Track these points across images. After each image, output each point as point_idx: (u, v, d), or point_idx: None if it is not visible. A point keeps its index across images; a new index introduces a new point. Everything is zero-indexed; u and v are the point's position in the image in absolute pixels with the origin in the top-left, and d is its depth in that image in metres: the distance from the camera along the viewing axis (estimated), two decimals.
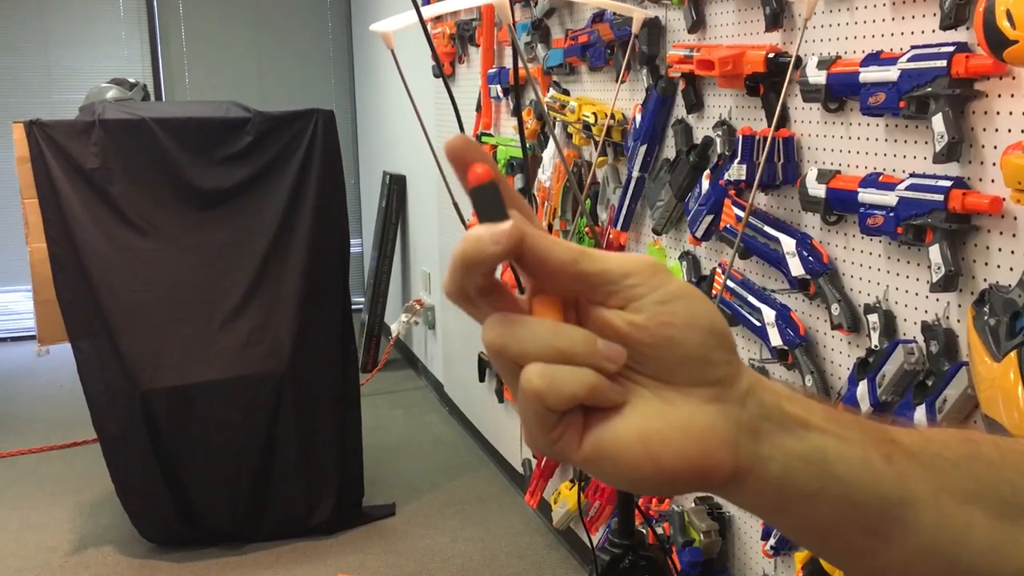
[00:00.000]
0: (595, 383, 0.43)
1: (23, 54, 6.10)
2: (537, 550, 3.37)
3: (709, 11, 2.10)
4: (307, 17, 6.52)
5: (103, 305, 3.19)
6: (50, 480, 4.03)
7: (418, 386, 5.26)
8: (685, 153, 2.16)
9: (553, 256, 0.43)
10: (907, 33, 1.55)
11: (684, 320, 0.43)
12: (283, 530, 3.45)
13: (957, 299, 1.51)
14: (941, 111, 1.44)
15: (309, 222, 3.38)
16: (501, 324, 0.44)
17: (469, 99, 3.68)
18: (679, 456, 0.43)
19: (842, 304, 1.72)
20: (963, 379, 1.45)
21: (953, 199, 1.43)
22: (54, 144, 3.18)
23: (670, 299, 0.43)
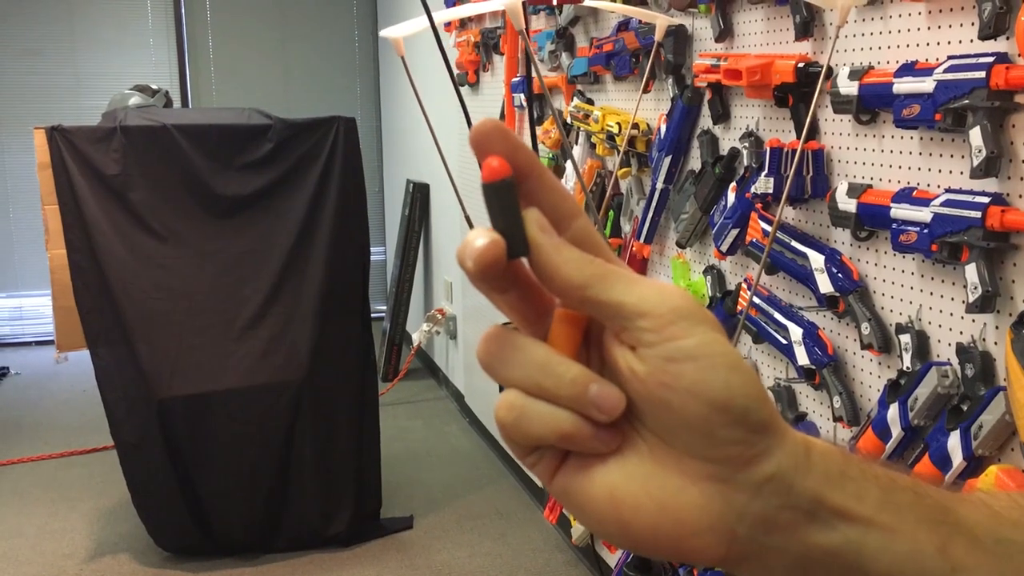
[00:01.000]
0: (569, 430, 0.38)
1: (51, 60, 6.14)
2: (556, 567, 3.31)
3: (737, 19, 2.04)
4: (333, 25, 6.52)
5: (122, 312, 3.18)
6: (69, 486, 4.02)
7: (439, 396, 5.23)
8: (711, 165, 2.11)
9: (560, 274, 0.38)
10: (944, 43, 1.49)
11: (687, 387, 0.37)
12: (299, 541, 3.42)
13: (994, 320, 1.44)
14: (979, 124, 1.38)
15: (329, 230, 3.35)
16: (493, 342, 0.40)
17: (493, 108, 3.64)
18: (649, 528, 0.39)
19: (873, 323, 1.66)
20: (1000, 405, 1.39)
21: (991, 216, 1.37)
22: (75, 150, 3.17)
23: (679, 358, 0.37)
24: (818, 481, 0.39)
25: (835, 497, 0.39)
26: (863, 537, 0.40)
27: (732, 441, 0.38)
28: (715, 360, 0.37)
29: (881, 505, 0.40)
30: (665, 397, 0.38)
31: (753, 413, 0.38)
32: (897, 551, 0.40)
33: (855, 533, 0.40)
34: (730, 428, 0.38)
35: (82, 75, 6.18)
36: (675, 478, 0.39)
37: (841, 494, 0.39)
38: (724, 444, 0.38)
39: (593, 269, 0.38)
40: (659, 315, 0.37)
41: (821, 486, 0.39)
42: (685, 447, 0.38)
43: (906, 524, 0.40)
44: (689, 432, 0.38)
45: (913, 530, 0.40)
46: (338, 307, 3.37)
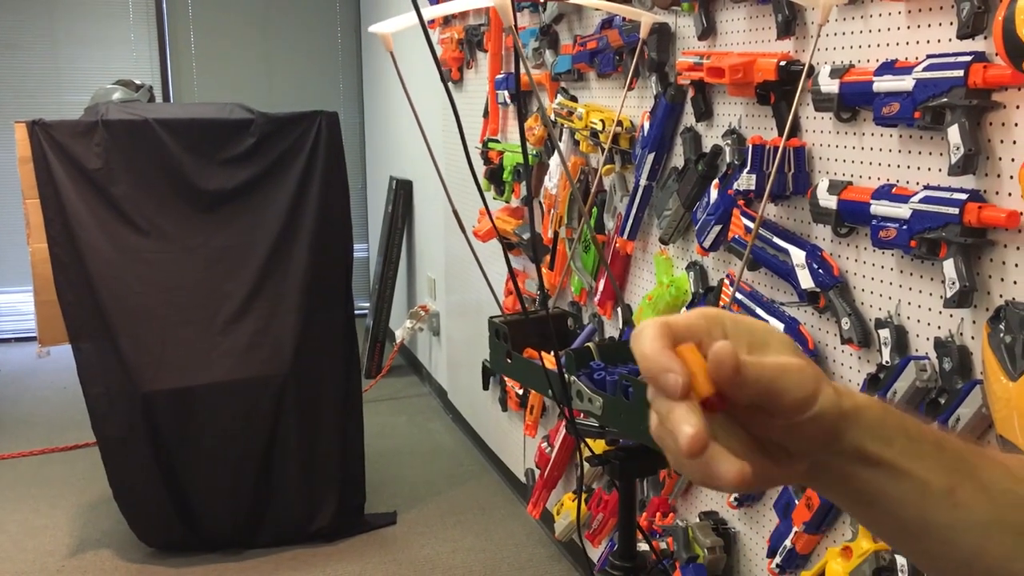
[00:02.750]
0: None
1: (32, 54, 6.09)
2: (539, 562, 3.33)
3: (720, 18, 2.06)
4: (316, 21, 6.51)
5: (104, 306, 3.17)
6: (50, 483, 4.01)
7: (422, 393, 5.23)
8: (694, 162, 2.13)
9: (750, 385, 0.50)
10: (923, 42, 1.52)
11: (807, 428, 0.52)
12: (283, 536, 3.42)
13: (972, 315, 1.47)
14: (957, 122, 1.40)
15: (312, 224, 3.35)
16: None
17: (477, 105, 3.65)
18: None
19: (853, 318, 1.68)
20: (977, 398, 1.41)
21: (969, 213, 1.39)
22: (56, 144, 3.16)
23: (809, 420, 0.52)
24: (860, 434, 0.53)
25: (871, 446, 0.53)
26: (887, 480, 0.53)
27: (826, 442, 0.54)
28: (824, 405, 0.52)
29: (906, 452, 0.53)
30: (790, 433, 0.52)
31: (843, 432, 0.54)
32: (909, 489, 0.53)
33: (883, 476, 0.53)
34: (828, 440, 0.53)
35: (63, 70, 6.14)
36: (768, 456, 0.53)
37: (875, 444, 0.53)
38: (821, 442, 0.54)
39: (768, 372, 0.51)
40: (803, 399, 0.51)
41: (861, 438, 0.53)
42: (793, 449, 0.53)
43: (921, 469, 0.53)
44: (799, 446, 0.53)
45: (927, 474, 0.53)
46: (322, 302, 3.38)
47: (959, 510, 0.53)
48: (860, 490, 0.54)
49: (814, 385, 0.51)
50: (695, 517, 2.27)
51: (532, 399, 3.32)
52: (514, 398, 3.51)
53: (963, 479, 0.54)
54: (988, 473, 0.55)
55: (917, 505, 0.54)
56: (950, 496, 0.53)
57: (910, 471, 0.53)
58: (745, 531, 2.14)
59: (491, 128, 3.51)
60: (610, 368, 1.58)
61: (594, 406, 1.53)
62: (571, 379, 1.57)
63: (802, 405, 0.50)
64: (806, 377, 0.51)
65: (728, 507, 2.17)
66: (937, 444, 0.54)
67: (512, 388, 3.53)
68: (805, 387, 0.51)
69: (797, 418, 0.50)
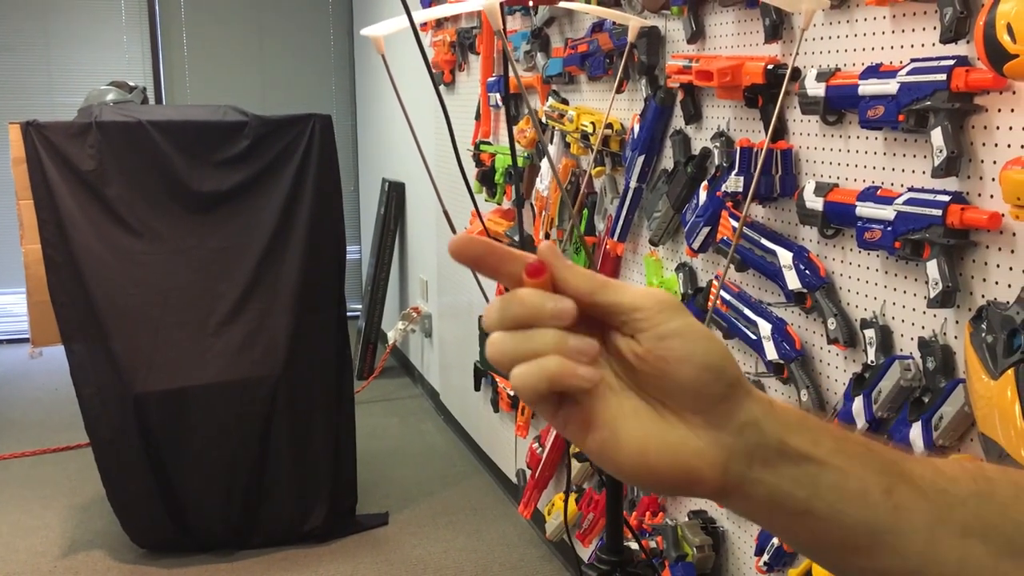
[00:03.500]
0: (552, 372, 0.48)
1: (24, 55, 6.10)
2: (530, 562, 3.34)
3: (708, 22, 2.08)
4: (309, 23, 6.52)
5: (97, 307, 3.18)
6: (42, 484, 4.01)
7: (414, 394, 5.24)
8: (683, 164, 2.15)
9: (571, 286, 0.50)
10: (907, 46, 1.54)
11: (678, 356, 0.48)
12: (275, 537, 3.43)
13: (955, 315, 1.49)
14: (940, 125, 1.43)
15: (305, 226, 3.36)
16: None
17: (469, 107, 3.67)
18: (668, 469, 0.49)
19: (839, 318, 1.70)
20: (960, 396, 1.43)
21: (951, 214, 1.42)
22: (50, 145, 3.16)
23: (668, 336, 0.48)
24: (781, 427, 0.50)
25: (795, 440, 0.50)
26: (819, 474, 0.50)
27: (716, 394, 0.49)
28: (695, 334, 0.49)
29: (834, 451, 0.50)
30: (662, 367, 0.49)
31: (728, 370, 0.49)
32: (847, 488, 0.50)
33: (813, 469, 0.50)
34: (713, 384, 0.49)
35: (55, 71, 6.14)
36: (682, 429, 0.49)
37: (799, 439, 0.50)
38: (711, 397, 0.49)
39: (595, 281, 0.50)
40: (648, 307, 0.49)
41: (784, 431, 0.50)
42: (683, 405, 0.49)
43: (856, 468, 0.50)
44: (684, 392, 0.49)
45: (862, 473, 0.50)
46: (314, 304, 3.39)
47: (900, 512, 0.50)
48: (791, 495, 0.49)
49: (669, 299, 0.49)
50: (684, 516, 2.29)
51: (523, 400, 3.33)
52: (505, 399, 3.53)
53: (897, 480, 0.50)
54: (920, 473, 0.51)
55: (859, 508, 0.49)
56: (889, 496, 0.50)
57: (845, 469, 0.50)
58: (733, 530, 2.16)
59: (483, 130, 3.53)
60: None
61: None
62: None
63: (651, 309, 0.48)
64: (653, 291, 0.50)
65: (717, 506, 2.19)
66: (865, 446, 0.51)
67: (503, 389, 3.55)
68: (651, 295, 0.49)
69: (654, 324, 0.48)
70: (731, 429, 0.49)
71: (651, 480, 0.50)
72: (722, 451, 0.49)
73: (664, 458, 0.49)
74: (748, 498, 0.50)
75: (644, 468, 0.49)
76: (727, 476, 0.49)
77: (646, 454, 0.49)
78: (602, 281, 0.50)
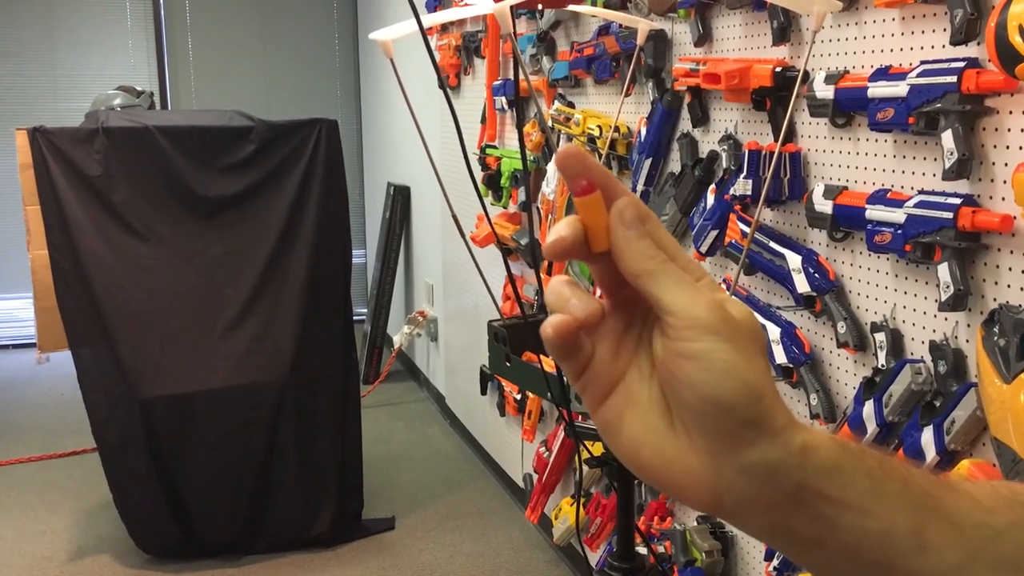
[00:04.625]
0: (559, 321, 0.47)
1: (30, 61, 6.11)
2: (537, 567, 3.33)
3: (716, 24, 2.08)
4: (313, 28, 6.52)
5: (104, 312, 3.18)
6: (49, 489, 4.01)
7: (419, 398, 5.24)
8: (690, 167, 2.14)
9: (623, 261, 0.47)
10: (916, 48, 1.53)
11: (686, 379, 0.45)
12: (281, 542, 3.42)
13: (966, 319, 1.48)
14: (951, 127, 1.42)
15: (311, 231, 3.36)
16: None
17: (474, 111, 3.67)
18: (657, 473, 0.47)
19: (848, 322, 1.70)
20: (972, 400, 1.42)
21: (963, 217, 1.41)
22: (57, 151, 3.17)
23: (686, 356, 0.45)
24: (807, 473, 0.45)
25: (819, 484, 0.45)
26: (838, 515, 0.46)
27: (721, 429, 0.45)
28: (715, 365, 0.45)
29: (864, 492, 0.46)
30: (670, 381, 0.46)
31: (741, 411, 0.45)
32: (868, 528, 0.46)
33: (831, 511, 0.46)
34: (719, 418, 0.45)
35: (61, 77, 6.16)
36: (683, 442, 0.47)
37: (827, 483, 0.46)
38: (715, 430, 0.45)
39: (650, 265, 0.46)
40: (682, 318, 0.45)
41: (807, 477, 0.45)
42: (688, 422, 0.46)
43: (885, 508, 0.46)
44: (687, 412, 0.46)
45: (891, 513, 0.46)
46: (320, 308, 3.39)
47: (928, 552, 0.47)
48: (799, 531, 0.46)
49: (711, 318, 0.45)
50: (693, 521, 2.28)
51: (530, 404, 3.33)
52: (512, 403, 3.52)
53: (931, 517, 0.47)
54: (957, 507, 0.48)
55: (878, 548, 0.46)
56: (918, 536, 0.47)
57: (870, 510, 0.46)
58: (743, 535, 2.15)
59: (488, 134, 3.53)
60: None
61: None
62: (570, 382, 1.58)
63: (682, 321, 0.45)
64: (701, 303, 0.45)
65: None
66: (903, 481, 0.48)
67: (510, 393, 3.54)
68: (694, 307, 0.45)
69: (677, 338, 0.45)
70: (734, 465, 0.45)
71: (642, 476, 0.49)
72: (718, 480, 0.46)
73: (655, 462, 0.47)
74: (747, 528, 0.47)
75: (635, 464, 0.48)
76: (720, 504, 0.46)
77: (639, 452, 0.48)
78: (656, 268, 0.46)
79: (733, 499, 0.46)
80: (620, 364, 0.49)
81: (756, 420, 0.45)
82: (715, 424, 0.45)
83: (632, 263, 0.46)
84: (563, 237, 0.47)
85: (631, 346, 0.49)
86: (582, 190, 0.47)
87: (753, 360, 0.45)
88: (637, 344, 0.49)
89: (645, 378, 0.48)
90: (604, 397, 0.49)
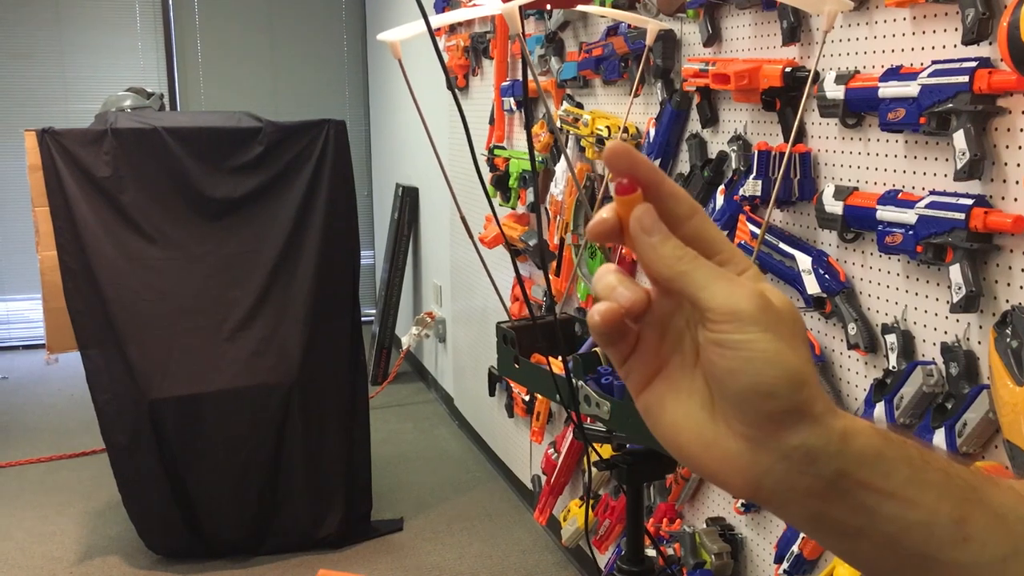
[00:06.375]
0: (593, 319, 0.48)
1: (39, 63, 6.13)
2: (546, 568, 3.32)
3: (725, 24, 2.07)
4: (322, 29, 6.53)
5: (112, 313, 3.18)
6: (57, 489, 4.02)
7: (428, 399, 5.24)
8: (699, 168, 2.14)
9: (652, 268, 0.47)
10: (928, 48, 1.52)
11: (727, 369, 0.45)
12: (290, 543, 3.42)
13: (978, 320, 1.47)
14: (963, 127, 1.41)
15: (319, 232, 3.36)
16: None
17: (483, 112, 3.66)
18: (696, 458, 0.48)
19: (859, 323, 1.69)
20: (984, 403, 1.41)
21: (975, 218, 1.40)
22: (66, 152, 3.18)
23: (726, 346, 0.45)
24: (847, 460, 0.46)
25: (860, 473, 0.46)
26: (879, 504, 0.46)
27: (762, 416, 0.46)
28: (755, 354, 0.45)
29: (907, 482, 0.47)
30: (712, 370, 0.46)
31: (783, 398, 0.45)
32: (910, 518, 0.46)
33: (872, 501, 0.46)
34: (759, 406, 0.45)
35: (70, 79, 6.18)
36: (722, 427, 0.47)
37: (869, 472, 0.46)
38: (755, 416, 0.46)
39: (679, 266, 0.46)
40: (720, 312, 0.45)
41: (848, 465, 0.46)
42: (729, 409, 0.47)
43: (927, 498, 0.47)
44: (728, 400, 0.46)
45: (934, 504, 0.47)
46: (328, 309, 3.38)
47: (971, 544, 0.47)
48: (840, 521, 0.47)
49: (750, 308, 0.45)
50: (702, 523, 2.27)
51: (538, 405, 3.33)
52: (520, 404, 3.52)
53: (974, 509, 0.47)
54: (1001, 500, 0.48)
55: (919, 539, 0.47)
56: (960, 527, 0.47)
57: (913, 500, 0.46)
58: (752, 537, 2.14)
59: (497, 135, 3.52)
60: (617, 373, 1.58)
61: (602, 411, 1.54)
62: (579, 384, 1.58)
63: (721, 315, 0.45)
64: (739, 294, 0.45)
65: (735, 513, 2.17)
66: (945, 472, 0.48)
67: (518, 394, 3.54)
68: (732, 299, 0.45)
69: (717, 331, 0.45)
70: (775, 451, 0.46)
71: (681, 460, 0.49)
72: (757, 467, 0.46)
73: (694, 447, 0.48)
74: (786, 515, 0.48)
75: (675, 448, 0.49)
76: (759, 491, 0.47)
77: (679, 436, 0.48)
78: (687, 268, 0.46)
79: (772, 485, 0.46)
80: (664, 351, 0.49)
81: (797, 407, 0.45)
82: (756, 411, 0.45)
83: (661, 269, 0.46)
84: (605, 219, 0.47)
85: (676, 333, 0.49)
86: (623, 188, 0.46)
87: (795, 348, 0.46)
88: (682, 332, 0.49)
89: (688, 365, 0.49)
90: (647, 383, 0.49)
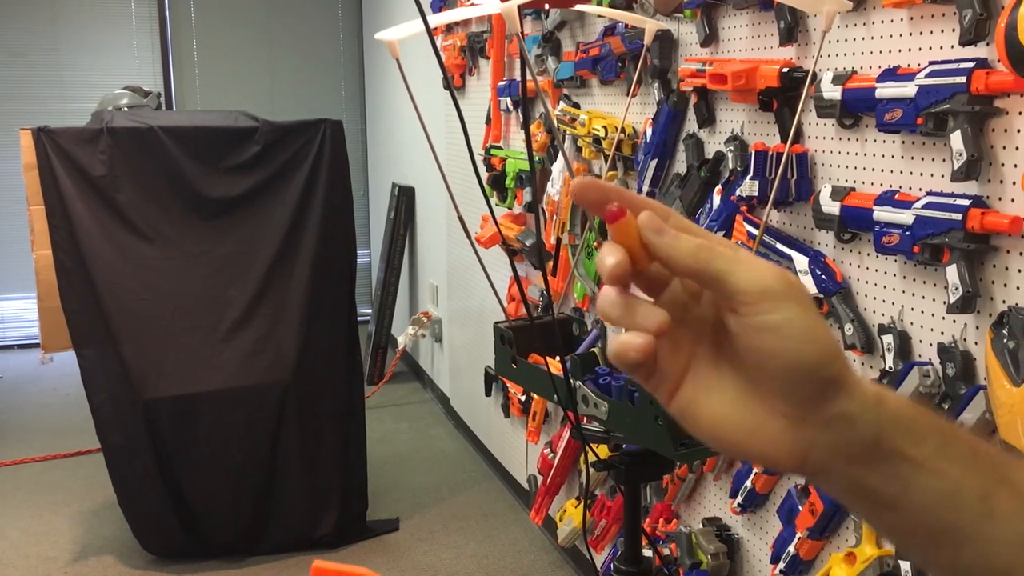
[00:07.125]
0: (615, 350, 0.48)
1: (35, 62, 6.12)
2: (542, 568, 3.32)
3: (722, 25, 2.07)
4: (318, 28, 6.52)
5: (108, 313, 3.18)
6: (53, 489, 4.01)
7: (424, 399, 5.23)
8: (696, 168, 2.14)
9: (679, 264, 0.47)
10: (925, 48, 1.52)
11: (769, 351, 0.47)
12: (285, 543, 3.42)
13: (975, 321, 1.47)
14: (960, 128, 1.41)
15: (316, 232, 3.36)
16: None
17: (479, 111, 3.66)
18: (743, 447, 0.50)
19: (856, 324, 1.69)
20: (980, 403, 1.41)
21: (971, 218, 1.40)
22: (61, 151, 3.17)
23: (764, 329, 0.47)
24: (882, 425, 0.49)
25: (895, 439, 0.49)
26: (912, 474, 0.49)
27: (805, 392, 0.48)
28: (793, 332, 0.47)
29: (936, 453, 0.49)
30: (752, 356, 0.48)
31: (823, 370, 0.47)
32: (939, 489, 0.49)
33: (906, 469, 0.49)
34: (803, 382, 0.48)
35: (66, 77, 6.16)
36: (762, 411, 0.49)
37: (901, 438, 0.49)
38: (800, 393, 0.48)
39: (700, 255, 0.47)
40: (752, 292, 0.47)
41: (884, 429, 0.49)
42: (769, 391, 0.49)
43: (955, 470, 0.49)
44: (771, 383, 0.48)
45: (961, 476, 0.49)
46: (324, 309, 3.38)
47: (995, 519, 0.49)
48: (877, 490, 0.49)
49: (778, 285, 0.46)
50: (698, 523, 2.27)
51: (535, 405, 3.32)
52: (516, 404, 3.52)
53: (999, 485, 0.49)
54: None
55: (948, 510, 0.49)
56: (985, 502, 0.49)
57: (943, 471, 0.49)
58: (748, 537, 2.14)
59: (493, 135, 3.52)
60: (615, 373, 1.58)
61: (599, 411, 1.54)
62: (576, 384, 1.58)
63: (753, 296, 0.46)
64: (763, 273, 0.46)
65: (731, 513, 2.17)
66: (972, 447, 0.50)
67: (515, 394, 3.54)
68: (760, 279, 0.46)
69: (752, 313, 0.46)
70: (817, 422, 0.48)
71: (728, 451, 0.51)
72: (802, 442, 0.49)
73: (738, 436, 0.49)
74: (830, 484, 0.51)
75: (717, 442, 0.50)
76: (805, 464, 0.49)
77: (720, 431, 0.50)
78: (709, 255, 0.47)
79: (817, 455, 0.49)
80: (682, 356, 0.50)
81: (835, 377, 0.48)
82: (800, 387, 0.47)
83: (686, 262, 0.47)
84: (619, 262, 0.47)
85: (688, 337, 0.50)
86: (613, 216, 0.48)
87: (820, 320, 0.48)
88: (694, 334, 0.50)
89: (711, 362, 0.50)
90: (675, 390, 0.51)
